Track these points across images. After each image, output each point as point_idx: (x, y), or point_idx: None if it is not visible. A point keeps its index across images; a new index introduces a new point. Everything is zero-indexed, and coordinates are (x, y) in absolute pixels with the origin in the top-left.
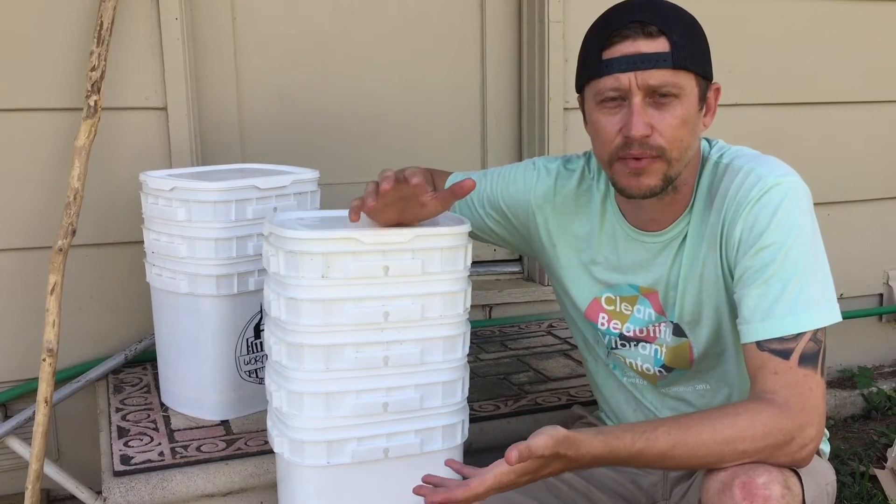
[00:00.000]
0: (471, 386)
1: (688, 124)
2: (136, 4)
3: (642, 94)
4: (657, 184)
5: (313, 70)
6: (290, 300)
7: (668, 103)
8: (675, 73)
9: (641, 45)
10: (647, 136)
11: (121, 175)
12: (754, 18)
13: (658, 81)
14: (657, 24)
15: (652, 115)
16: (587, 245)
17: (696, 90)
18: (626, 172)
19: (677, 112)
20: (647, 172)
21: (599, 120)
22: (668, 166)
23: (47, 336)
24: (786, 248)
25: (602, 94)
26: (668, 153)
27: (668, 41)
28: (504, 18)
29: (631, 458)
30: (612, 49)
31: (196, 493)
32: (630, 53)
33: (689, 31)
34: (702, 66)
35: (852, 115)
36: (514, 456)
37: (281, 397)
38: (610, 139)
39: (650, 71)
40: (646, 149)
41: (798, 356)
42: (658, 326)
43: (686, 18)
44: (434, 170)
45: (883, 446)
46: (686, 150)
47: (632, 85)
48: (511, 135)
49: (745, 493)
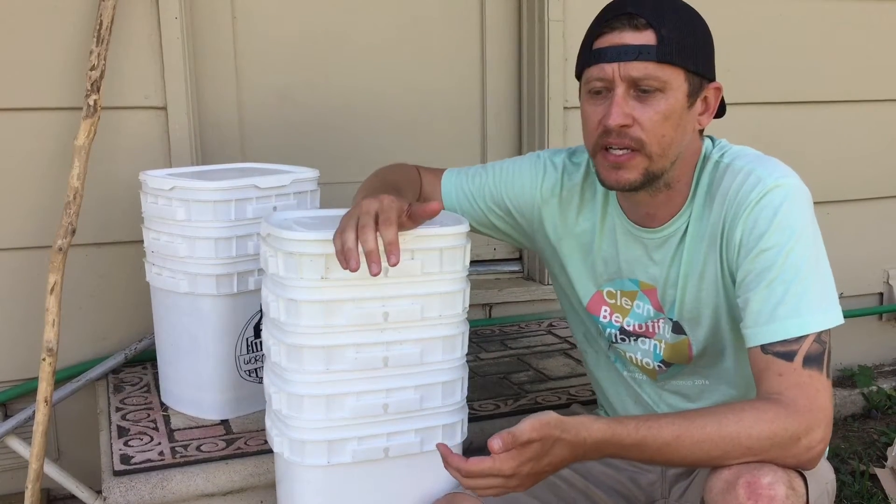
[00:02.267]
0: (471, 385)
1: (670, 120)
2: (136, 4)
3: (625, 85)
4: (636, 178)
5: (313, 69)
6: (290, 301)
7: (652, 97)
8: (660, 67)
9: (627, 36)
10: (625, 126)
11: (120, 174)
12: (753, 17)
13: (640, 73)
14: (646, 16)
15: (634, 106)
16: (590, 238)
17: (684, 86)
18: (606, 165)
19: (660, 106)
20: (626, 167)
21: (585, 110)
22: (649, 161)
23: (47, 335)
24: (787, 251)
25: (590, 83)
26: (647, 147)
27: (655, 34)
28: (504, 18)
29: (634, 446)
30: (601, 39)
31: (196, 492)
32: (616, 44)
33: (682, 26)
34: (693, 61)
35: (852, 114)
36: (497, 444)
37: (281, 399)
38: (593, 128)
39: (633, 63)
40: (623, 138)
41: (802, 358)
42: (657, 323)
43: (683, 14)
44: (423, 168)
45: (883, 445)
46: (669, 147)
47: (615, 75)
48: (511, 135)
49: (749, 492)
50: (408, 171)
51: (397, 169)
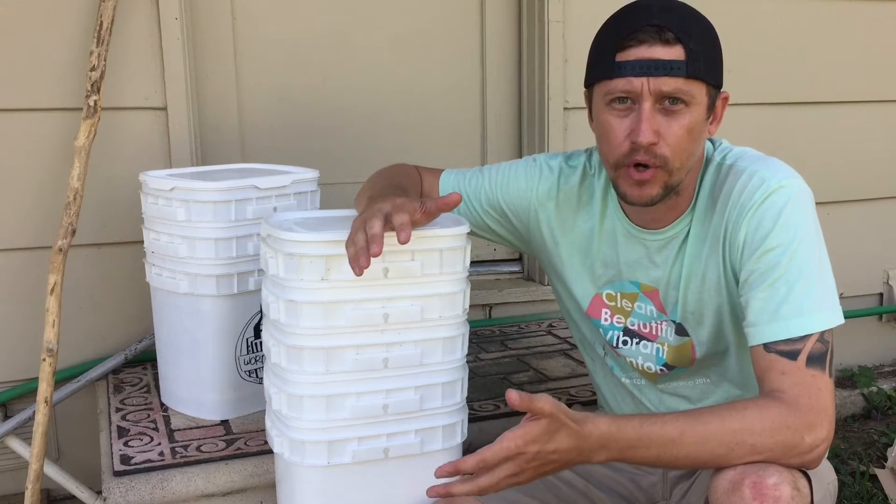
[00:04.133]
0: (471, 386)
1: (693, 133)
2: (136, 4)
3: (653, 99)
4: (658, 193)
5: (313, 69)
6: (290, 302)
7: (678, 111)
8: (688, 82)
9: (657, 51)
10: (654, 143)
11: (121, 175)
12: (754, 18)
13: (671, 88)
14: (675, 30)
15: (660, 122)
16: (588, 241)
17: (705, 99)
18: (630, 182)
19: (685, 121)
20: (649, 183)
21: (608, 121)
22: (669, 176)
23: (47, 336)
24: (791, 251)
25: (612, 94)
26: (670, 163)
27: (685, 49)
28: (504, 19)
29: (639, 441)
30: (627, 52)
31: (196, 493)
32: (645, 58)
33: (705, 38)
34: (713, 75)
35: (852, 114)
36: (515, 397)
37: (281, 400)
38: (618, 143)
39: (664, 78)
40: (651, 157)
41: (805, 357)
42: (660, 324)
43: (703, 24)
44: (422, 168)
45: (883, 446)
46: (688, 160)
47: (644, 90)
48: (511, 135)
49: (755, 492)
50: (409, 171)
51: (399, 169)
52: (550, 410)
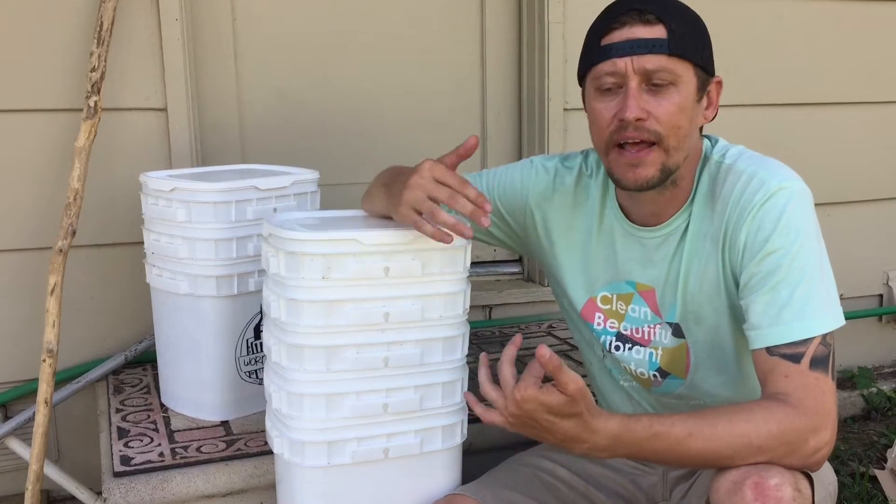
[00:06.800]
0: (471, 386)
1: (685, 112)
2: (136, 5)
3: (638, 78)
4: (654, 174)
5: (313, 70)
6: (291, 301)
7: (665, 90)
8: (672, 60)
9: (638, 30)
10: (642, 119)
11: (121, 176)
12: (754, 18)
13: (654, 66)
14: (655, 11)
15: (648, 100)
16: (585, 242)
17: (693, 80)
18: (623, 163)
19: (674, 99)
20: (644, 163)
21: (595, 107)
22: (665, 155)
23: (47, 337)
24: (792, 254)
25: (600, 79)
26: (665, 140)
27: (666, 28)
28: (504, 19)
29: (648, 440)
30: (610, 35)
31: (196, 493)
32: (627, 39)
33: (688, 20)
34: (700, 56)
35: (852, 115)
36: (546, 353)
37: (281, 398)
38: (605, 125)
39: (646, 56)
40: (640, 132)
41: (809, 360)
42: (653, 328)
43: (686, 10)
44: None
45: (883, 447)
46: (684, 139)
47: (628, 69)
48: (511, 135)
49: (757, 493)
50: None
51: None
52: (573, 392)
